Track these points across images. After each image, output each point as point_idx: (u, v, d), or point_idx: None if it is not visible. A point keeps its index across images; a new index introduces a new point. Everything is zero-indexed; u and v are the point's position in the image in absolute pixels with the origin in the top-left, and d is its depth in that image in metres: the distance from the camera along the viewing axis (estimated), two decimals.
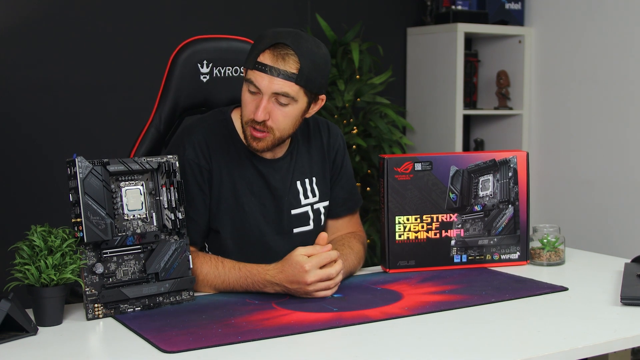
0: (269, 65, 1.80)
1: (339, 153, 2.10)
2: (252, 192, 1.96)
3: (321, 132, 2.08)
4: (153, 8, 3.50)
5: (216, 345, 1.47)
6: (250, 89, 1.84)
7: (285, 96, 1.82)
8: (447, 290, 1.87)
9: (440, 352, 1.45)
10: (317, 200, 2.05)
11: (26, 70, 3.24)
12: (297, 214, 2.02)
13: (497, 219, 2.11)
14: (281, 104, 1.83)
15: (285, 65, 1.80)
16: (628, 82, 3.70)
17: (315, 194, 2.05)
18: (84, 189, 1.65)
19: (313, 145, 2.06)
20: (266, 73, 1.80)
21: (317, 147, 2.07)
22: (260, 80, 1.81)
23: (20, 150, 3.25)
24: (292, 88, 1.82)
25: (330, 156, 2.08)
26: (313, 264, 1.74)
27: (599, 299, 1.79)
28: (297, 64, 1.81)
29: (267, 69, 1.80)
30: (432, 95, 4.10)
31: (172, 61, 2.16)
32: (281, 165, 1.99)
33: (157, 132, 2.14)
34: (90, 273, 1.67)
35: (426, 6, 4.18)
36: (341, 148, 2.10)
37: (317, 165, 2.06)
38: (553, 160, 4.07)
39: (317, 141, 2.07)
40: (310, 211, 2.04)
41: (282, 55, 1.80)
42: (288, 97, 1.82)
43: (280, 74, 1.80)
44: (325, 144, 2.08)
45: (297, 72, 1.81)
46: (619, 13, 3.73)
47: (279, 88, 1.81)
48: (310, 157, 2.05)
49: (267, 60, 1.80)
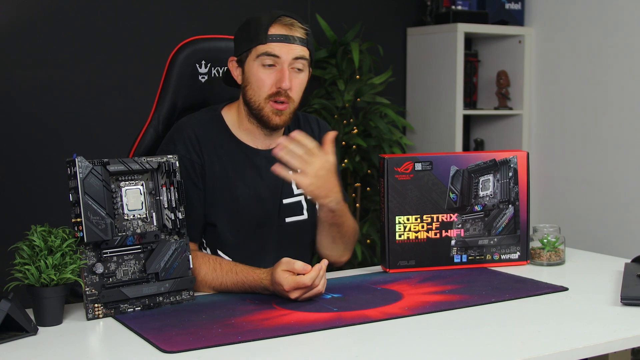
0: (285, 34, 1.91)
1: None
2: (246, 184, 1.98)
3: (311, 126, 2.13)
4: (152, 8, 3.50)
5: (216, 345, 1.47)
6: (265, 62, 1.91)
7: (303, 59, 1.93)
8: (447, 290, 1.87)
9: (440, 352, 1.45)
10: None
11: (26, 70, 3.24)
12: (290, 203, 2.04)
13: (497, 219, 2.11)
14: (298, 69, 1.94)
15: (297, 32, 1.93)
16: (628, 82, 3.70)
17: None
18: (84, 188, 1.65)
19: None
20: (283, 42, 1.90)
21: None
22: (279, 49, 1.91)
23: (20, 150, 3.25)
24: (306, 52, 1.94)
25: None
26: (291, 285, 1.73)
27: (599, 299, 1.79)
28: (303, 30, 1.94)
29: (283, 38, 1.90)
30: (432, 95, 4.10)
31: (170, 61, 2.16)
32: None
33: (156, 133, 2.14)
34: (90, 273, 1.67)
35: (426, 6, 4.17)
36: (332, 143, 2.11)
37: None
38: (553, 160, 4.07)
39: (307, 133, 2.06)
40: (303, 200, 2.05)
41: (291, 24, 1.93)
42: (304, 60, 1.93)
43: (295, 40, 1.92)
44: (316, 136, 2.09)
45: (306, 38, 1.94)
46: (619, 13, 3.73)
47: (298, 52, 1.92)
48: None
49: (281, 31, 1.91)
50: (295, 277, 1.73)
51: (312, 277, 1.73)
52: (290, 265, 1.74)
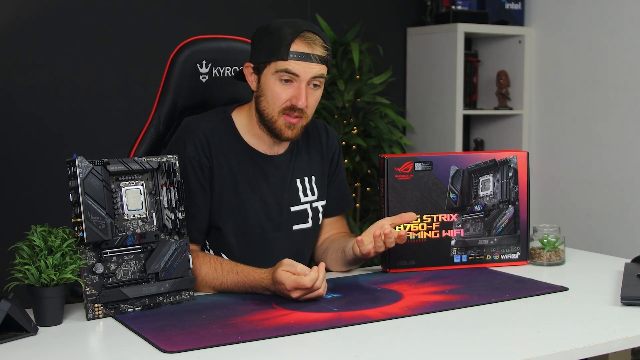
0: (306, 53, 1.89)
1: (335, 154, 2.14)
2: (253, 189, 1.97)
3: (320, 133, 2.12)
4: (152, 8, 3.50)
5: (216, 345, 1.47)
6: (283, 78, 1.90)
7: (321, 77, 1.92)
8: (447, 290, 1.87)
9: (440, 352, 1.45)
10: (316, 199, 2.07)
11: (26, 70, 3.24)
12: (297, 211, 2.03)
13: (497, 219, 2.11)
14: (315, 86, 1.93)
15: (318, 50, 1.91)
16: (628, 82, 3.70)
17: (315, 193, 2.07)
18: (84, 189, 1.65)
19: (312, 145, 2.09)
20: (304, 60, 1.89)
21: (316, 147, 2.10)
22: (299, 68, 1.89)
23: (20, 150, 3.25)
24: (325, 70, 1.93)
25: (327, 156, 2.12)
26: (293, 285, 1.73)
27: (599, 299, 1.79)
28: (323, 48, 1.92)
29: (304, 57, 1.89)
30: (432, 95, 4.10)
31: (171, 61, 2.16)
32: (282, 162, 2.01)
33: (156, 133, 2.14)
34: (90, 273, 1.67)
35: (426, 6, 4.17)
36: (337, 149, 2.15)
37: (316, 165, 2.09)
38: (553, 160, 4.07)
39: (316, 141, 2.10)
40: (309, 209, 2.06)
41: (313, 40, 1.90)
42: (322, 78, 1.93)
43: (317, 58, 1.90)
44: (324, 143, 2.11)
45: (325, 55, 1.92)
46: (619, 13, 3.73)
47: (317, 71, 1.91)
48: (309, 156, 2.07)
49: (302, 49, 1.89)
50: (296, 277, 1.73)
51: (312, 279, 1.73)
52: (293, 267, 1.74)
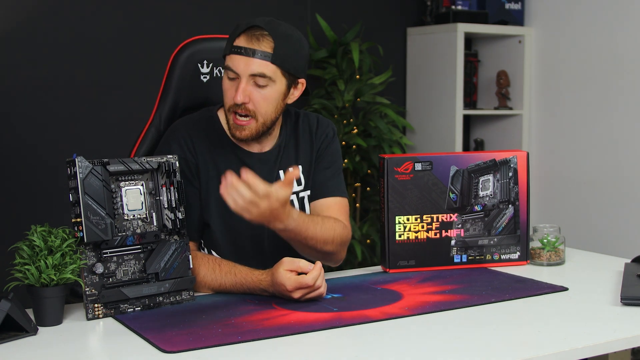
0: (244, 47, 1.84)
1: (325, 140, 2.07)
2: None
3: (310, 124, 2.08)
4: (153, 8, 3.50)
5: (216, 345, 1.47)
6: (229, 76, 1.87)
7: (262, 77, 1.85)
8: (447, 290, 1.87)
9: (440, 352, 1.45)
10: (302, 189, 2.05)
11: (26, 70, 3.24)
12: None
13: (497, 219, 2.11)
14: (260, 85, 1.86)
15: (260, 45, 1.84)
16: (628, 82, 3.70)
17: (301, 182, 2.04)
18: (84, 189, 1.65)
19: (301, 137, 2.06)
20: (242, 55, 1.84)
21: (305, 139, 2.06)
22: (237, 64, 1.85)
23: (20, 150, 3.25)
24: (269, 68, 1.85)
25: (316, 145, 2.06)
26: (294, 285, 1.73)
27: (599, 299, 1.79)
28: (271, 44, 1.85)
29: (242, 51, 1.84)
30: (432, 95, 4.10)
31: (172, 61, 2.16)
32: (268, 158, 2.00)
33: (157, 132, 2.14)
34: (90, 273, 1.67)
35: (426, 6, 4.17)
36: (329, 137, 2.08)
37: (304, 155, 2.04)
38: (553, 160, 4.07)
39: (305, 133, 2.07)
40: (295, 199, 2.03)
41: (257, 36, 1.85)
42: (265, 78, 1.85)
43: (255, 54, 1.84)
44: (313, 133, 2.07)
45: (272, 52, 1.84)
46: (619, 13, 3.73)
47: (256, 68, 1.84)
48: (297, 149, 2.04)
49: (242, 43, 1.85)
50: (297, 276, 1.73)
51: (315, 277, 1.72)
52: (295, 264, 1.73)
